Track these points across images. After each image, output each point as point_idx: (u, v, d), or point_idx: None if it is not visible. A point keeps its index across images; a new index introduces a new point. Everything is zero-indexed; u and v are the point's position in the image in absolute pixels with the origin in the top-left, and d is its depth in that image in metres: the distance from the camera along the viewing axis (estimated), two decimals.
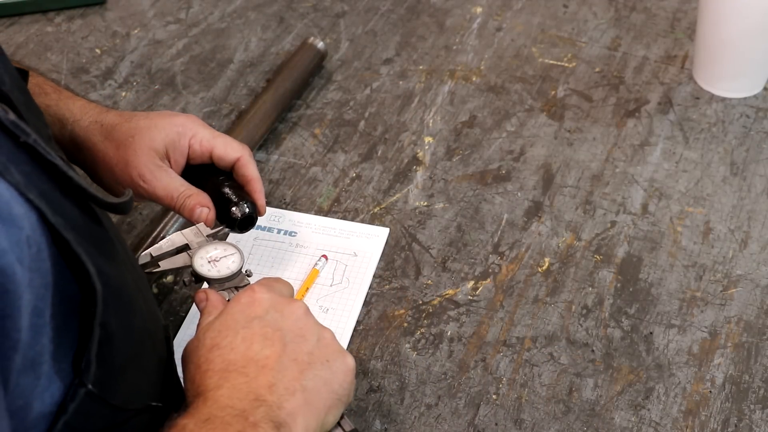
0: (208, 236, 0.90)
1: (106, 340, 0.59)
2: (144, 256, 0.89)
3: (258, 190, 0.94)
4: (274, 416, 0.67)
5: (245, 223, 0.93)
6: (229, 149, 0.94)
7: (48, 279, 0.55)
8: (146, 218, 1.08)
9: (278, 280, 0.80)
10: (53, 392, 0.58)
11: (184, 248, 0.90)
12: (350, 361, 0.75)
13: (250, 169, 0.94)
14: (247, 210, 0.92)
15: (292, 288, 0.81)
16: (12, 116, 0.57)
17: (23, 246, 0.52)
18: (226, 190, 0.93)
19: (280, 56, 1.31)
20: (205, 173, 0.95)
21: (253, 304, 0.75)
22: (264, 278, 0.80)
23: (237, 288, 0.87)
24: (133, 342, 0.64)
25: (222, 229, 0.92)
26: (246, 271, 0.88)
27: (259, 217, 0.94)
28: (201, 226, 0.91)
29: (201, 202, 0.91)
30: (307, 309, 0.76)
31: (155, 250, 0.89)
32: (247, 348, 0.71)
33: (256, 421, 0.66)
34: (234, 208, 0.92)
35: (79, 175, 0.61)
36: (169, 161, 0.93)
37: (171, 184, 0.91)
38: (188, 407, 0.68)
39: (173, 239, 0.90)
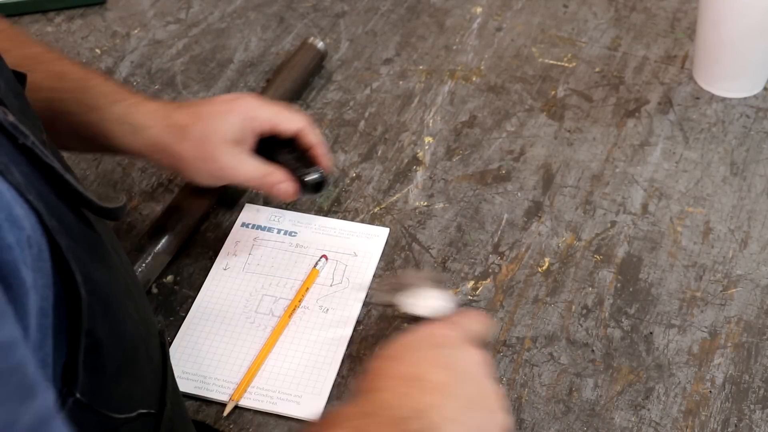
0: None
1: (93, 348, 0.58)
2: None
3: (323, 153, 1.05)
4: None
5: (318, 187, 1.04)
6: (292, 123, 1.03)
7: (49, 280, 0.55)
8: (146, 218, 1.09)
9: (476, 317, 0.80)
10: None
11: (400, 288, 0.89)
12: (508, 422, 0.74)
13: (313, 136, 1.04)
14: (317, 175, 1.04)
15: (485, 328, 0.80)
16: (11, 118, 0.57)
17: (25, 246, 0.52)
18: (293, 159, 1.04)
19: (280, 56, 1.31)
20: (270, 144, 1.03)
21: (440, 337, 0.76)
22: (462, 314, 0.81)
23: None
24: (124, 349, 0.64)
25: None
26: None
27: (324, 186, 1.05)
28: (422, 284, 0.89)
29: (280, 179, 1.01)
30: (487, 359, 0.76)
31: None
32: (420, 367, 0.72)
33: None
34: (306, 177, 1.03)
35: (75, 179, 0.61)
36: (243, 146, 1.01)
37: (251, 168, 1.01)
38: (353, 401, 0.70)
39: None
